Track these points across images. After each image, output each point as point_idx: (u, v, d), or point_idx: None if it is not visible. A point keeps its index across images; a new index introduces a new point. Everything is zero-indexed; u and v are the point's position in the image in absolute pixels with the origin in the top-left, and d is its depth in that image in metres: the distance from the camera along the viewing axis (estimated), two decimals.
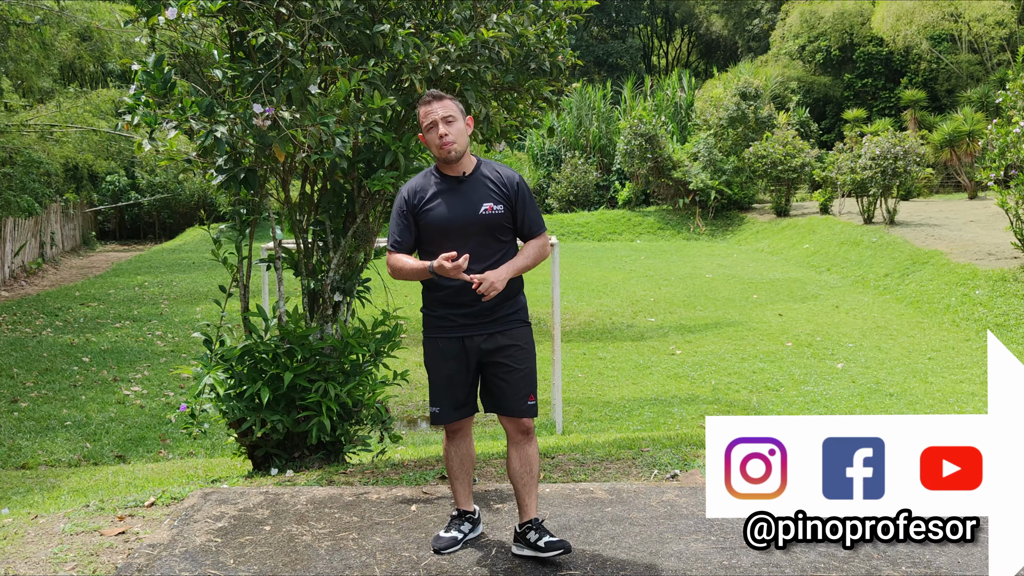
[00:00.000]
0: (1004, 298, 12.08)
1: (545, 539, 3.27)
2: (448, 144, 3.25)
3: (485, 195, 3.29)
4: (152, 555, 3.41)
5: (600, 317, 13.53)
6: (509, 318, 3.34)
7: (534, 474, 3.36)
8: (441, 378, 3.36)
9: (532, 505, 3.36)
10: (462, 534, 3.44)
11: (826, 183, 21.57)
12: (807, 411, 8.16)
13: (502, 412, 3.36)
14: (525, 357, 3.36)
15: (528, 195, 3.37)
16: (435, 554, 3.35)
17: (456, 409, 3.38)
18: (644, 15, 46.50)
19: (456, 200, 3.29)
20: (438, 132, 3.24)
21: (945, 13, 26.65)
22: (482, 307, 3.28)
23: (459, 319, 3.31)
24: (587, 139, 29.39)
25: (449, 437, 3.47)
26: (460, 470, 3.47)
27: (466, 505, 3.51)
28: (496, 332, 3.31)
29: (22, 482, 6.03)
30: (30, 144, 17.46)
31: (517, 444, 3.37)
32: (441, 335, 3.35)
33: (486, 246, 3.28)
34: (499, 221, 3.29)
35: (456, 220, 3.27)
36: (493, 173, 3.36)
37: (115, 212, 29.75)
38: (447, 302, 3.31)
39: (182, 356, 11.11)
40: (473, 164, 3.37)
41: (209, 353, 4.70)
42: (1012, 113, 12.47)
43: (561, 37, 5.04)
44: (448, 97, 3.31)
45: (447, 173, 3.34)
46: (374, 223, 5.07)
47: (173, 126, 4.21)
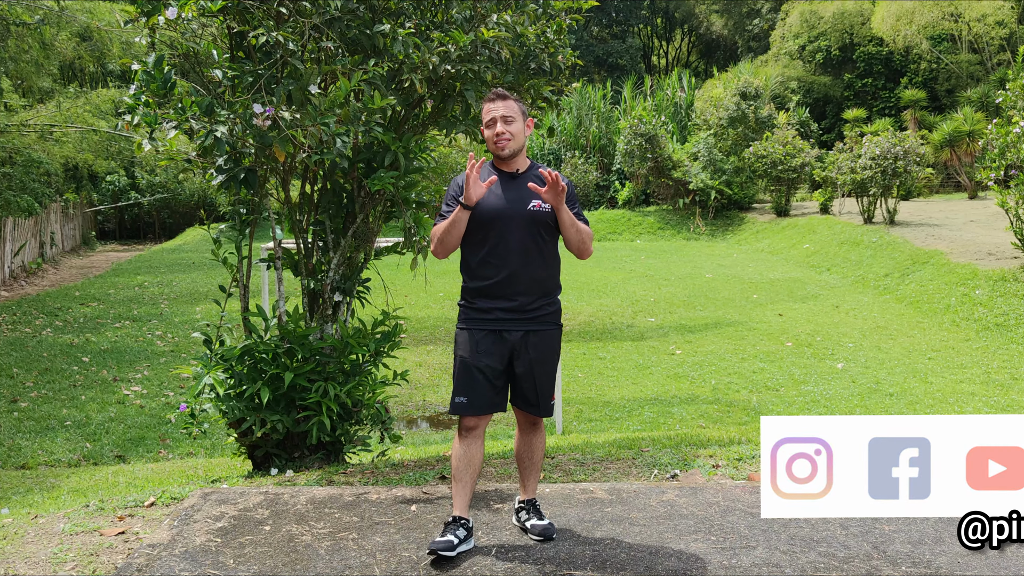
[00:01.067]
0: (1004, 298, 12.08)
1: (532, 522, 3.53)
2: (504, 141, 3.40)
3: (535, 193, 3.40)
4: (152, 555, 3.40)
5: (600, 317, 13.53)
6: (545, 318, 3.47)
7: (535, 460, 3.59)
8: (472, 369, 3.40)
9: (531, 486, 3.61)
10: (457, 539, 3.37)
11: (826, 183, 21.57)
12: (807, 411, 8.16)
13: (524, 408, 3.51)
14: (554, 361, 3.52)
15: (575, 198, 3.52)
16: (430, 554, 3.30)
17: (484, 401, 3.41)
18: (644, 15, 46.50)
19: (507, 194, 3.42)
20: (496, 129, 3.40)
21: (945, 13, 26.65)
22: (521, 302, 3.40)
23: (498, 312, 3.40)
24: (587, 139, 29.40)
25: (462, 435, 3.44)
26: (465, 472, 3.44)
27: (463, 511, 3.46)
28: (532, 331, 3.43)
29: (22, 482, 6.03)
30: (30, 144, 17.46)
31: (525, 432, 3.58)
32: (477, 327, 3.43)
33: (531, 242, 3.40)
34: (546, 219, 3.41)
35: (504, 213, 3.39)
36: (543, 172, 3.47)
37: (115, 212, 29.75)
38: (488, 294, 3.41)
39: (182, 356, 11.11)
40: (527, 164, 3.52)
41: (209, 353, 4.70)
42: (1012, 113, 12.47)
43: (561, 37, 5.04)
44: (512, 98, 3.46)
45: (502, 168, 3.49)
46: (374, 223, 5.07)
47: (173, 126, 4.21)
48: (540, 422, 3.57)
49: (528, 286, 3.40)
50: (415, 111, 4.97)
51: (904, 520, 3.66)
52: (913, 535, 3.51)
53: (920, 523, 3.63)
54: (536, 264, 3.41)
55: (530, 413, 3.51)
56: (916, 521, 3.65)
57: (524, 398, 3.49)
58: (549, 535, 3.47)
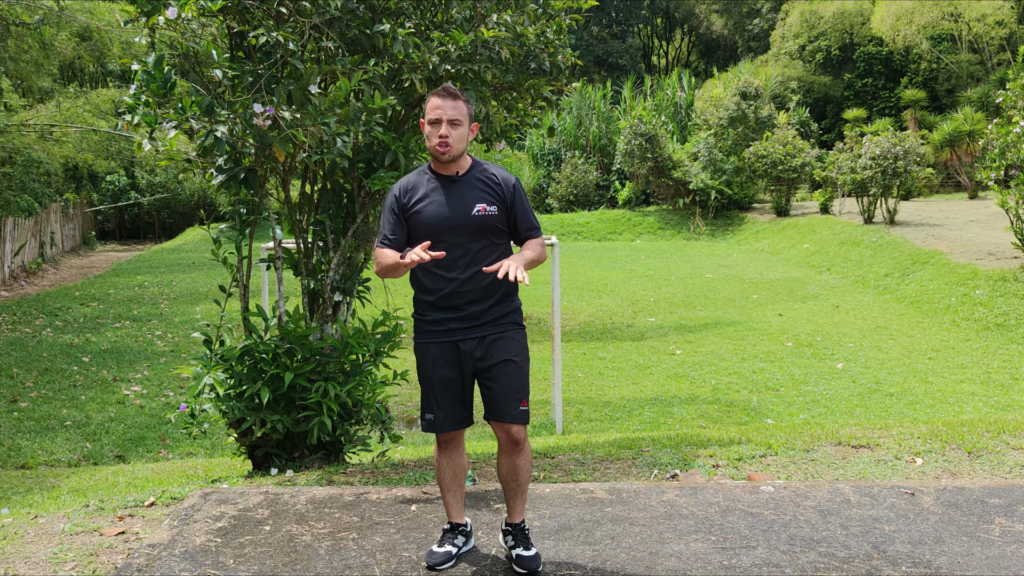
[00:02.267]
0: (1004, 298, 12.07)
1: (518, 552, 3.24)
2: (445, 148, 3.18)
3: (478, 196, 3.21)
4: (152, 555, 3.40)
5: (600, 317, 13.53)
6: (502, 320, 3.25)
7: (520, 483, 3.28)
8: (435, 384, 3.25)
9: (517, 509, 3.32)
10: (456, 548, 3.33)
11: (826, 183, 21.57)
12: (807, 411, 8.16)
13: (493, 417, 3.23)
14: (517, 360, 3.24)
15: (523, 198, 3.31)
16: (428, 569, 3.24)
17: (451, 417, 3.25)
18: (644, 15, 46.50)
19: (449, 200, 3.21)
20: (439, 131, 3.17)
21: (945, 13, 26.65)
22: (474, 311, 3.20)
23: (451, 323, 3.21)
24: (587, 139, 29.39)
25: (440, 448, 3.34)
26: (452, 482, 3.35)
27: (458, 518, 3.40)
28: (489, 336, 3.22)
29: (22, 482, 6.02)
30: (30, 144, 17.46)
31: (507, 453, 3.26)
32: (433, 340, 3.24)
33: (480, 248, 3.20)
34: (492, 223, 3.21)
35: (447, 220, 3.18)
36: (488, 174, 3.28)
37: (115, 212, 29.75)
38: (439, 306, 3.22)
39: (182, 356, 11.11)
40: (468, 165, 3.29)
41: (209, 353, 4.70)
42: (1012, 113, 12.47)
43: (561, 37, 5.04)
44: (462, 99, 3.21)
45: (441, 172, 3.27)
46: (374, 223, 5.07)
47: (173, 126, 4.20)
48: (523, 441, 3.23)
49: (479, 294, 3.20)
50: (415, 111, 4.97)
51: (904, 520, 3.66)
52: (913, 535, 3.51)
53: (920, 523, 3.63)
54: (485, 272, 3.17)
55: (501, 421, 3.19)
56: (916, 521, 3.65)
57: (490, 405, 3.22)
58: (535, 568, 3.18)
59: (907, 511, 3.76)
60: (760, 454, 4.76)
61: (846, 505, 3.83)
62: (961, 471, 4.43)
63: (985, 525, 3.60)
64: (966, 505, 3.82)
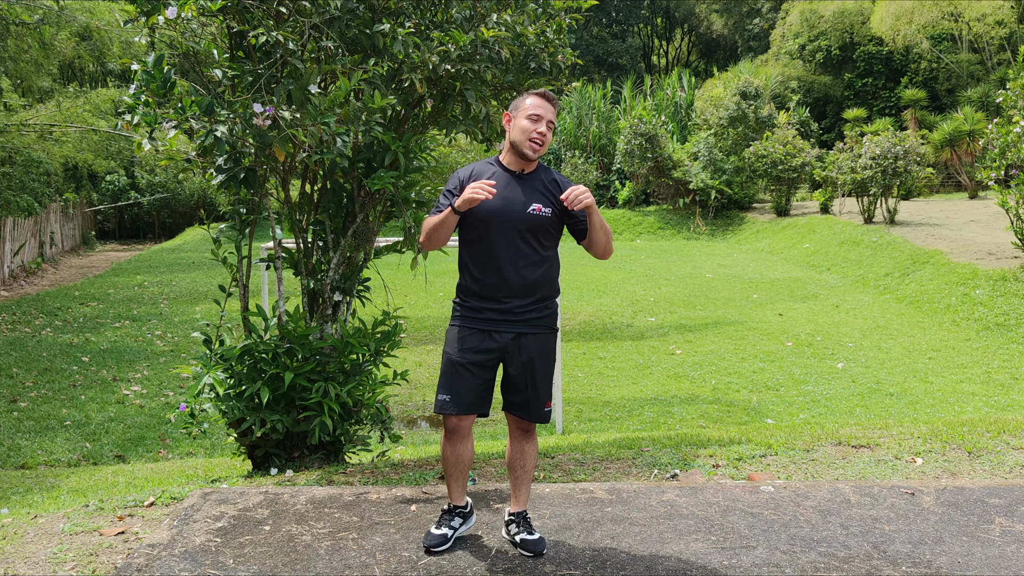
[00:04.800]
0: (1004, 298, 12.07)
1: (522, 537, 3.38)
2: (539, 146, 3.29)
3: (537, 196, 3.31)
4: (152, 555, 3.40)
5: (600, 317, 13.53)
6: (538, 321, 3.34)
7: (528, 469, 3.43)
8: (458, 367, 3.31)
9: (522, 498, 3.45)
10: (452, 530, 3.45)
11: (826, 183, 21.57)
12: (807, 411, 8.16)
13: (518, 414, 3.37)
14: (548, 365, 3.38)
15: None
16: (425, 552, 3.37)
17: (466, 401, 3.31)
18: (644, 14, 46.49)
19: (508, 194, 3.30)
20: (539, 127, 3.28)
21: (945, 12, 26.65)
22: (513, 305, 3.29)
23: (489, 313, 3.31)
24: (587, 139, 29.39)
25: (448, 436, 3.40)
26: (455, 468, 3.45)
27: (458, 500, 3.51)
28: (524, 334, 3.31)
29: (22, 482, 6.02)
30: (30, 144, 17.45)
31: (517, 439, 3.43)
32: (468, 325, 3.33)
33: (528, 245, 3.30)
34: (544, 223, 3.31)
35: (502, 213, 3.27)
36: (550, 178, 3.40)
37: (115, 212, 29.75)
38: (481, 294, 3.31)
39: (182, 356, 11.11)
40: (535, 166, 3.41)
41: (209, 353, 4.70)
42: (1012, 112, 12.47)
43: (561, 36, 5.04)
44: (558, 106, 3.36)
45: (509, 167, 3.37)
46: (374, 223, 5.06)
47: (173, 126, 4.20)
48: (533, 430, 3.44)
49: (521, 290, 3.29)
50: (415, 111, 4.97)
51: (904, 520, 3.66)
52: (913, 535, 3.50)
53: (920, 523, 3.63)
54: (530, 269, 3.29)
55: (523, 419, 3.36)
56: (916, 521, 3.65)
57: (517, 403, 3.36)
58: (540, 550, 3.33)
59: (907, 511, 3.76)
60: (760, 454, 4.76)
61: (846, 505, 3.83)
62: (961, 471, 4.43)
63: (985, 525, 3.60)
64: (966, 505, 3.81)
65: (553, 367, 3.43)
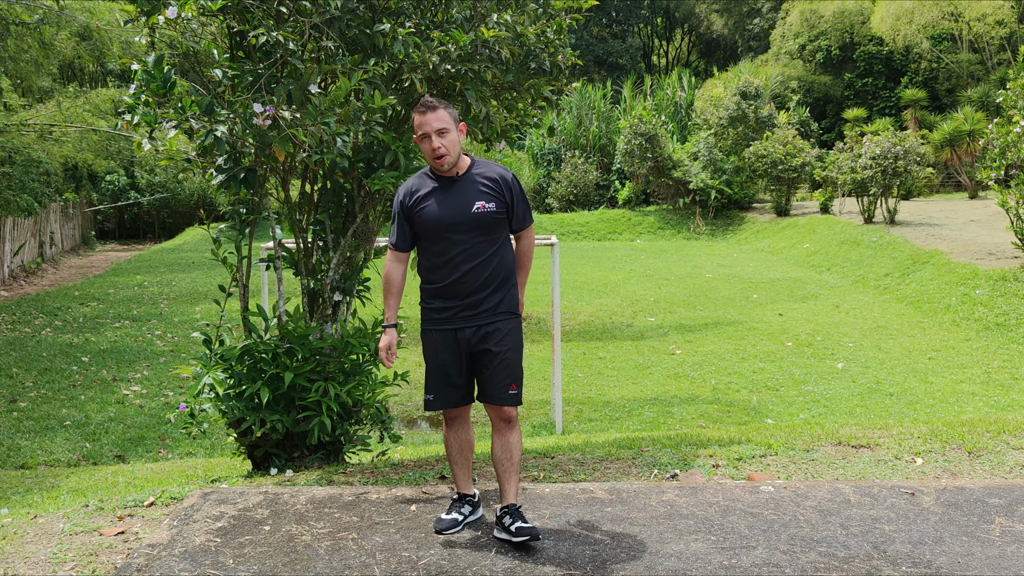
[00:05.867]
0: (1004, 298, 12.07)
1: (517, 524, 3.41)
2: (442, 157, 3.39)
3: (478, 194, 3.43)
4: (151, 555, 3.40)
5: (600, 317, 13.53)
6: (497, 310, 3.48)
7: (514, 461, 3.49)
8: (435, 367, 3.51)
9: (511, 491, 3.50)
10: (462, 516, 3.57)
11: (826, 183, 21.57)
12: (807, 411, 8.16)
13: (485, 399, 3.50)
14: (509, 347, 3.47)
15: (520, 191, 3.53)
16: (437, 534, 3.50)
17: (449, 396, 3.51)
18: (644, 14, 46.50)
19: (450, 199, 3.43)
20: (432, 144, 3.38)
21: (945, 12, 26.65)
22: (473, 300, 3.44)
23: (452, 311, 3.46)
24: (587, 139, 29.39)
25: (448, 424, 3.61)
26: (459, 456, 3.62)
27: (466, 488, 3.65)
28: (485, 324, 3.46)
29: (21, 482, 6.02)
30: (29, 143, 17.45)
31: (499, 431, 3.51)
32: (436, 327, 3.50)
33: (478, 243, 3.43)
34: (491, 219, 3.43)
35: (449, 218, 3.41)
36: (486, 172, 3.50)
37: (114, 212, 29.75)
38: (440, 295, 3.47)
39: (182, 356, 11.11)
40: (467, 164, 3.50)
41: (209, 353, 4.70)
42: (1013, 112, 12.47)
43: (561, 37, 5.04)
44: (441, 106, 3.40)
45: (441, 174, 3.48)
46: (374, 222, 5.06)
47: (173, 125, 4.20)
48: (514, 420, 3.51)
49: (479, 285, 3.43)
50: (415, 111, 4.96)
51: (904, 520, 3.66)
52: (913, 535, 3.50)
53: (920, 523, 3.63)
54: (485, 264, 3.44)
55: (494, 403, 3.46)
56: (916, 521, 3.65)
57: (483, 388, 3.50)
58: (535, 535, 3.36)
59: (907, 511, 3.76)
60: (760, 454, 4.76)
61: (846, 505, 3.83)
62: (961, 471, 4.42)
63: (985, 525, 3.60)
64: (966, 505, 3.81)
65: (518, 351, 3.52)
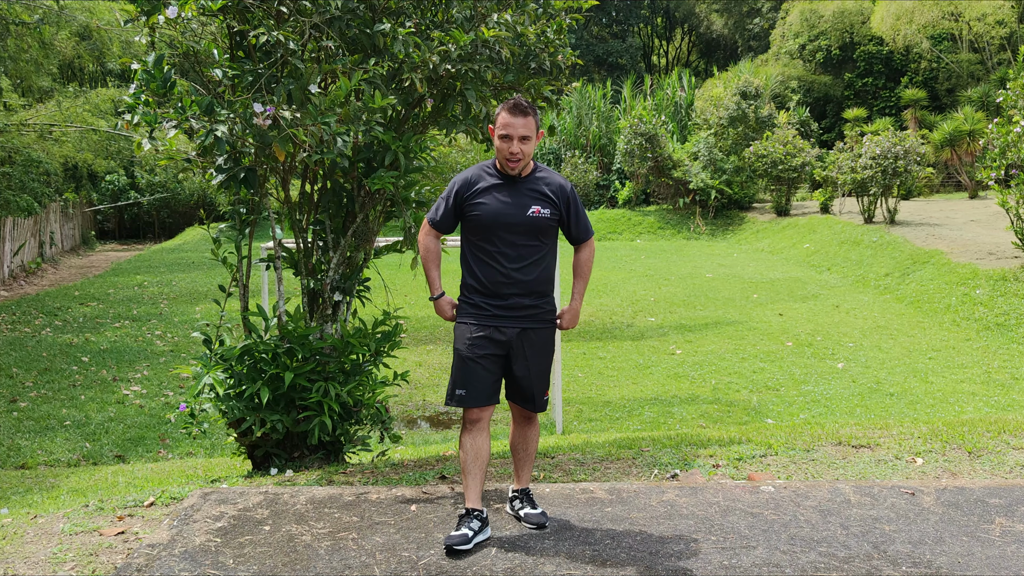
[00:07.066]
0: (1004, 298, 12.07)
1: (526, 510, 3.64)
2: (516, 163, 3.47)
3: (535, 198, 3.50)
4: (151, 555, 3.40)
5: (600, 317, 13.53)
6: (538, 316, 3.56)
7: (530, 451, 3.71)
8: (470, 362, 3.50)
9: (524, 476, 3.73)
10: (472, 531, 3.42)
11: (826, 183, 21.57)
12: (807, 411, 8.16)
13: (519, 403, 3.63)
14: (547, 356, 3.62)
15: (577, 202, 3.63)
16: (447, 551, 3.34)
17: (481, 392, 3.49)
18: (644, 14, 46.48)
19: (507, 198, 3.49)
20: (511, 148, 3.44)
21: (945, 12, 26.64)
22: (516, 302, 3.50)
23: (493, 309, 3.51)
24: (587, 138, 29.39)
25: (467, 428, 3.54)
26: (474, 465, 3.51)
27: (475, 503, 3.51)
28: (525, 328, 3.52)
29: (21, 482, 6.02)
30: (29, 143, 17.44)
31: (520, 425, 3.70)
32: (474, 322, 3.53)
33: (528, 245, 3.50)
34: (544, 224, 3.51)
35: (503, 218, 3.47)
36: (547, 178, 3.58)
37: (114, 212, 29.73)
38: (484, 292, 3.51)
39: (182, 356, 11.11)
40: (530, 168, 3.57)
41: (209, 353, 4.69)
42: (1013, 112, 12.46)
43: (561, 36, 5.04)
44: (532, 114, 3.45)
45: (504, 172, 3.54)
46: (374, 222, 5.06)
47: (173, 125, 4.20)
48: (535, 416, 3.71)
49: (524, 287, 3.49)
50: (415, 111, 4.97)
51: (904, 520, 3.66)
52: (913, 535, 3.50)
53: (920, 523, 3.63)
54: (532, 267, 3.51)
55: (526, 409, 3.64)
56: (916, 521, 3.65)
57: (521, 395, 3.61)
58: (543, 523, 3.57)
59: (907, 511, 3.75)
60: (760, 454, 4.76)
61: (846, 505, 3.83)
62: (961, 471, 4.42)
63: (985, 525, 3.60)
64: (966, 505, 3.81)
65: (552, 359, 3.68)
